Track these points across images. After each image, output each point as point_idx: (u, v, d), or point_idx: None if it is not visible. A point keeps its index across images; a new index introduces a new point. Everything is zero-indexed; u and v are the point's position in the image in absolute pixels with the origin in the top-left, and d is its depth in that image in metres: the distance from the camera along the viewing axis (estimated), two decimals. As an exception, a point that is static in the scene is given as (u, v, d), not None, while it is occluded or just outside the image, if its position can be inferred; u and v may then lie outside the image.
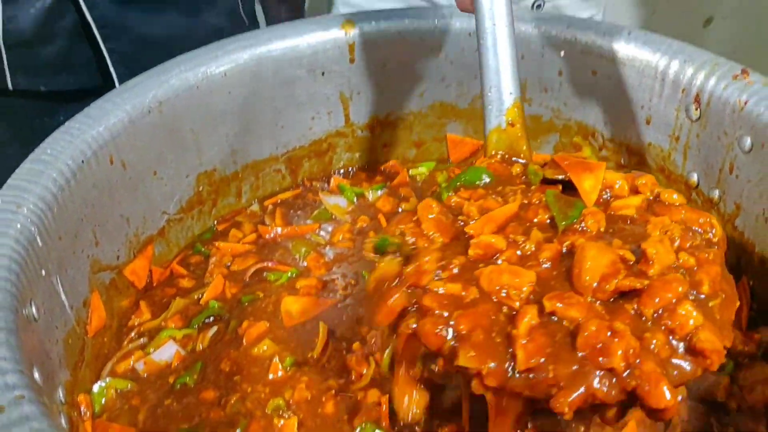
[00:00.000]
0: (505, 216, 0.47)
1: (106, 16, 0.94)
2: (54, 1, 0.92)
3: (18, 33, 0.92)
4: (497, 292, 0.41)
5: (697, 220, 0.47)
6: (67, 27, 0.94)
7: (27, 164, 0.58)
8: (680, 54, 0.70)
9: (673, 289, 0.41)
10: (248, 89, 0.74)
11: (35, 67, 0.96)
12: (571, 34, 0.75)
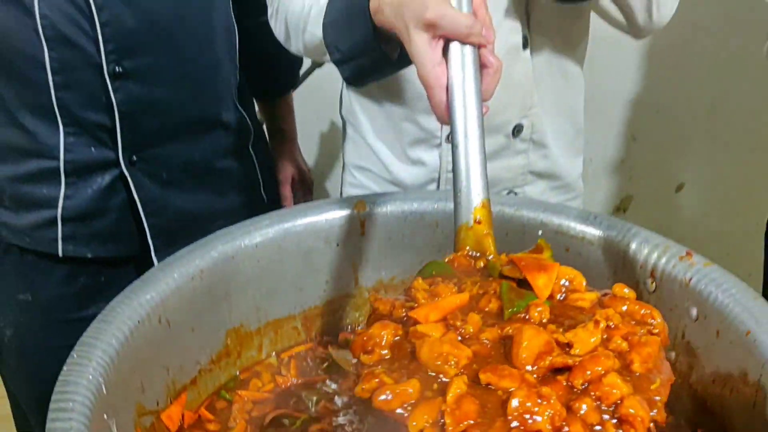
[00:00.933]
0: (455, 304, 0.56)
1: (150, 196, 1.09)
2: (109, 183, 1.08)
3: (75, 209, 1.08)
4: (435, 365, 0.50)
5: (639, 312, 0.57)
6: (117, 204, 1.10)
7: (95, 323, 0.69)
8: (638, 236, 0.84)
9: (601, 364, 0.50)
10: (274, 258, 0.88)
11: (85, 238, 1.11)
12: (547, 217, 0.89)
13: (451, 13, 0.70)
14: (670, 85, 1.96)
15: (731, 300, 0.73)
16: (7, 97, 1.07)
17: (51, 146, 1.07)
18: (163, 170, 1.13)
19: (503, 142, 1.12)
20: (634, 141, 2.05)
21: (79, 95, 1.05)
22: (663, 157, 2.05)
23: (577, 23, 1.11)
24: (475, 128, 0.69)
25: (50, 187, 1.09)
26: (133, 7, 1.02)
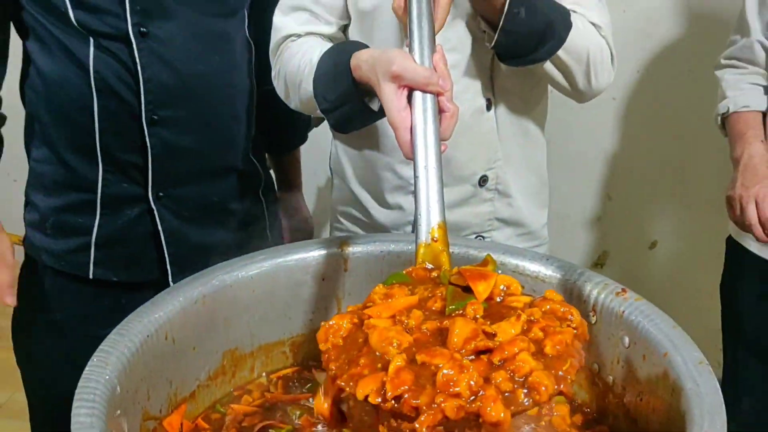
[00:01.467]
0: (405, 304, 0.68)
1: (171, 228, 1.24)
2: (137, 215, 1.22)
3: (106, 236, 1.24)
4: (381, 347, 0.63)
5: (560, 310, 0.70)
6: (143, 234, 1.25)
7: (112, 335, 0.82)
8: (582, 275, 0.97)
9: (517, 345, 0.63)
10: (267, 289, 1.00)
11: (113, 262, 1.25)
12: (506, 258, 1.02)
13: (413, 67, 0.84)
14: (642, 147, 2.11)
15: (655, 328, 0.85)
16: (55, 137, 1.22)
17: (90, 181, 1.22)
18: (184, 207, 1.28)
19: (471, 190, 1.25)
20: (609, 199, 2.19)
21: (119, 139, 1.21)
22: (636, 215, 2.19)
23: (536, 88, 1.25)
24: (434, 162, 0.81)
25: (86, 216, 1.24)
26: (169, 67, 1.18)
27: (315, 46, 1.11)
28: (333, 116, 1.05)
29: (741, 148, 1.39)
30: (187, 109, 1.22)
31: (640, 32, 1.98)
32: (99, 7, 1.13)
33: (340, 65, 0.98)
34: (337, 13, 1.18)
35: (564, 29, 1.09)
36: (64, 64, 1.17)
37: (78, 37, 1.15)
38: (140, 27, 1.14)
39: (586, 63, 1.13)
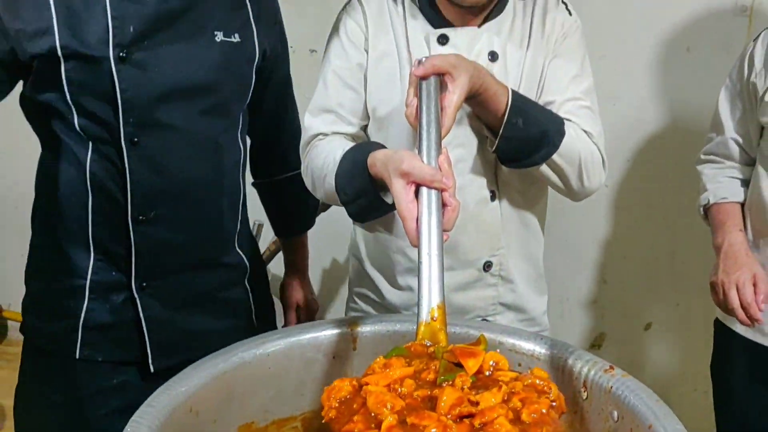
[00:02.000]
0: (402, 374, 0.76)
1: (154, 315, 1.32)
2: (122, 301, 1.31)
3: (94, 320, 1.31)
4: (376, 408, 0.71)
5: (539, 384, 0.78)
6: (127, 319, 1.32)
7: (144, 407, 0.89)
8: (573, 354, 1.05)
9: (495, 412, 0.70)
10: (281, 366, 1.08)
11: (99, 344, 1.33)
12: (503, 338, 1.10)
13: (420, 166, 0.95)
14: (635, 233, 2.21)
15: (640, 402, 0.93)
16: (56, 227, 1.32)
17: (82, 268, 1.30)
18: (168, 297, 1.34)
19: (476, 275, 1.34)
20: (604, 283, 2.28)
21: (109, 232, 1.29)
22: (631, 298, 2.27)
23: (535, 185, 1.36)
24: (436, 250, 0.91)
25: (76, 300, 1.31)
26: (157, 172, 1.27)
27: (338, 145, 1.23)
28: (351, 207, 1.17)
29: (721, 236, 1.48)
30: (172, 210, 1.30)
31: (629, 124, 2.11)
32: (98, 117, 1.23)
33: (358, 163, 1.11)
34: (359, 114, 1.31)
35: (558, 137, 1.20)
36: (67, 164, 1.27)
37: (79, 141, 1.25)
38: (132, 137, 1.24)
39: (578, 166, 1.24)
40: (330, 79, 1.30)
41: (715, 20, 1.98)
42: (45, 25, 1.18)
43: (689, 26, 2.01)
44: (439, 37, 1.25)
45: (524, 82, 1.27)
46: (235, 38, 1.30)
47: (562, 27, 1.29)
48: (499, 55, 1.26)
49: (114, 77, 1.20)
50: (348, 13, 1.31)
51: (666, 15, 2.02)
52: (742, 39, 1.95)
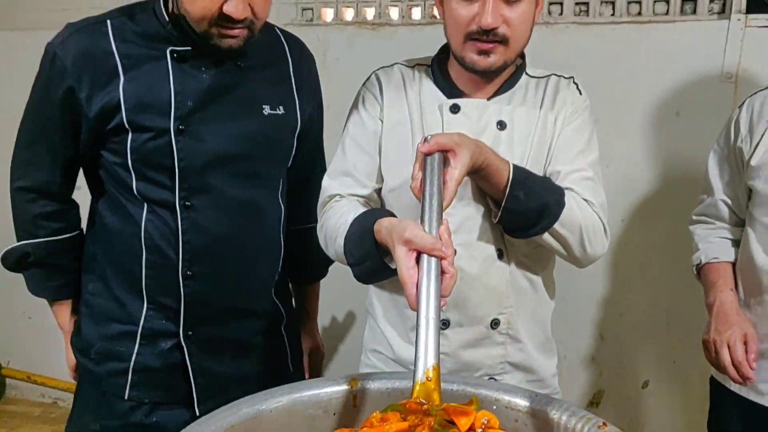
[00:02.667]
0: (397, 428, 0.80)
1: (198, 361, 1.41)
2: (169, 347, 1.40)
3: (143, 364, 1.40)
4: None
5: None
6: (174, 363, 1.41)
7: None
8: (568, 410, 1.07)
9: None
10: (285, 422, 1.10)
11: (147, 386, 1.41)
12: (499, 395, 1.13)
13: (421, 234, 1.01)
14: (631, 291, 2.25)
15: (632, 458, 0.96)
16: (111, 279, 1.42)
17: (135, 316, 1.40)
18: (211, 344, 1.44)
19: (484, 332, 1.36)
20: (602, 340, 2.30)
21: (160, 285, 1.39)
22: (629, 356, 2.29)
23: (542, 248, 1.36)
24: (433, 314, 0.95)
25: (127, 345, 1.41)
26: (206, 232, 1.37)
27: (350, 209, 1.30)
28: (357, 269, 1.23)
29: (713, 295, 1.52)
30: (218, 266, 1.41)
31: (623, 184, 2.17)
32: (155, 182, 1.34)
33: (366, 229, 1.18)
34: (373, 178, 1.38)
35: (557, 208, 1.25)
36: (123, 222, 1.38)
37: (136, 203, 1.36)
38: (185, 201, 1.35)
39: (579, 234, 1.29)
40: (348, 146, 1.39)
41: (703, 86, 2.06)
42: (116, 102, 1.30)
43: (678, 92, 2.09)
44: (451, 107, 1.32)
45: (533, 152, 1.33)
46: (280, 110, 1.43)
47: (573, 104, 1.36)
48: (507, 125, 1.32)
49: (173, 147, 1.30)
50: (367, 87, 1.42)
51: (657, 81, 2.10)
52: (728, 104, 2.03)
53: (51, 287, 1.45)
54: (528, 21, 1.29)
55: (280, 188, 1.49)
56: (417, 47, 1.45)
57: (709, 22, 2.04)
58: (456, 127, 1.29)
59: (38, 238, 1.41)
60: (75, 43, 1.31)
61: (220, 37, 1.29)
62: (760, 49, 1.99)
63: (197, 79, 1.33)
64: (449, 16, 1.30)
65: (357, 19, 2.41)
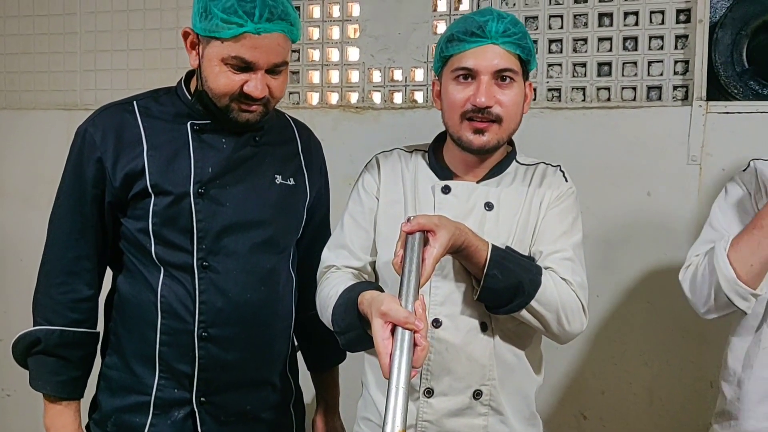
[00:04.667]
0: None
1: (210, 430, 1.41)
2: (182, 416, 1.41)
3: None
4: None
5: None
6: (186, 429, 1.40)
7: None
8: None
9: None
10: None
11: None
12: None
13: (396, 308, 1.08)
14: (612, 368, 2.26)
15: None
16: (126, 348, 1.44)
17: (148, 386, 1.42)
18: (222, 412, 1.45)
19: (467, 402, 1.38)
20: (584, 419, 2.30)
21: (174, 351, 1.41)
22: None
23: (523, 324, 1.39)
24: (403, 384, 1.00)
25: (141, 416, 1.42)
26: (222, 294, 1.41)
27: (342, 281, 1.37)
28: (342, 338, 1.29)
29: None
30: (233, 329, 1.44)
31: (598, 262, 2.23)
32: (174, 244, 1.39)
33: (351, 301, 1.25)
34: (367, 252, 1.47)
35: (532, 287, 1.31)
36: (139, 288, 1.42)
37: (153, 268, 1.40)
38: (203, 261, 1.40)
39: (556, 312, 1.34)
40: (346, 221, 1.49)
41: (671, 168, 2.15)
42: (140, 168, 1.38)
43: (648, 173, 2.18)
44: (443, 188, 1.43)
45: (518, 232, 1.41)
46: (291, 182, 1.53)
47: (558, 189, 1.45)
48: (494, 206, 1.41)
49: (192, 209, 1.38)
50: (367, 169, 1.54)
51: (627, 163, 2.19)
52: (695, 185, 2.12)
53: (54, 382, 1.41)
54: (518, 104, 1.41)
55: (292, 257, 1.55)
56: (398, 129, 1.55)
57: (674, 108, 2.15)
58: (446, 206, 1.39)
59: (54, 326, 1.41)
60: (103, 119, 1.42)
61: (239, 111, 1.39)
62: (721, 133, 2.10)
63: (217, 148, 1.43)
64: (446, 100, 1.41)
65: (341, 102, 2.52)
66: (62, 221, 1.42)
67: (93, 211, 1.41)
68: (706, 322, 2.12)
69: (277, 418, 1.56)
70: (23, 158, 2.91)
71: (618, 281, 2.24)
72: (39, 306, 1.43)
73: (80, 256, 1.42)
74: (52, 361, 1.41)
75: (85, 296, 1.43)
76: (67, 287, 1.41)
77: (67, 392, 1.42)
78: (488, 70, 1.36)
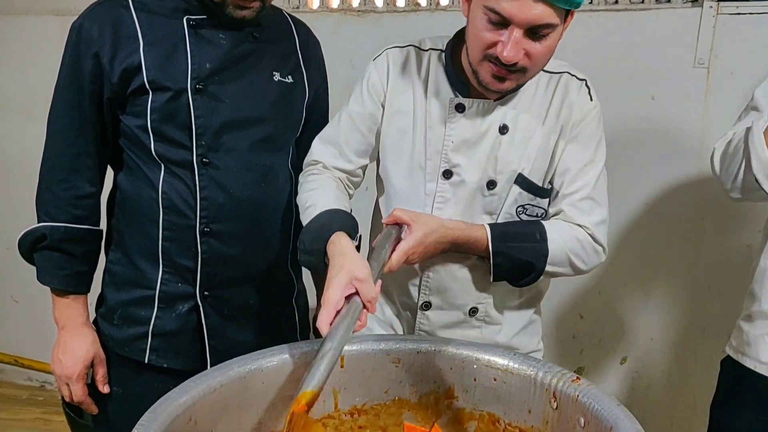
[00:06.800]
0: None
1: (213, 324, 1.46)
2: (187, 310, 1.45)
3: (161, 327, 1.46)
4: None
5: None
6: (190, 327, 1.46)
7: (148, 413, 0.97)
8: (544, 367, 1.14)
9: None
10: (275, 381, 1.16)
11: (165, 351, 1.47)
12: (479, 354, 1.20)
13: (370, 283, 1.11)
14: (608, 268, 2.31)
15: (602, 408, 1.02)
16: (129, 244, 1.47)
17: (152, 280, 1.45)
18: (225, 306, 1.49)
19: (462, 317, 1.41)
20: (581, 318, 2.37)
21: (177, 246, 1.44)
22: (607, 334, 2.36)
23: None
24: (335, 347, 1.02)
25: (146, 309, 1.46)
26: (223, 190, 1.43)
27: (324, 193, 1.35)
28: (302, 255, 1.28)
29: None
30: (234, 225, 1.46)
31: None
32: (174, 141, 1.40)
33: (322, 234, 1.23)
34: (360, 156, 1.44)
35: (541, 261, 1.31)
36: (141, 186, 1.44)
37: (153, 165, 1.42)
38: (203, 158, 1.41)
39: (569, 263, 1.33)
40: (344, 119, 1.43)
41: (677, 72, 2.11)
42: (137, 64, 1.37)
43: (653, 77, 2.15)
44: (456, 105, 1.33)
45: (533, 160, 1.34)
46: (289, 79, 1.51)
47: (581, 112, 1.34)
48: (509, 129, 1.33)
49: (190, 105, 1.38)
50: (376, 67, 1.41)
51: (632, 67, 2.16)
52: (701, 89, 2.10)
53: (61, 276, 1.45)
54: (551, 50, 1.26)
55: (291, 156, 1.56)
56: (401, 33, 1.49)
57: (683, 10, 2.10)
58: (458, 127, 1.33)
59: (58, 222, 1.44)
60: (99, 14, 1.40)
61: (235, 8, 1.38)
62: (731, 35, 2.06)
63: (215, 44, 1.42)
64: (472, 26, 1.25)
65: (342, 6, 2.46)
66: (61, 117, 1.42)
67: (92, 108, 1.41)
68: (703, 226, 2.17)
69: (280, 313, 1.60)
70: (15, 66, 2.87)
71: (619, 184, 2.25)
72: (42, 202, 1.46)
73: (81, 153, 1.43)
74: (57, 255, 1.45)
75: (87, 193, 1.45)
76: (69, 184, 1.43)
77: (73, 286, 1.47)
78: (523, 24, 1.18)
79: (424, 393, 1.24)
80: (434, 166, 1.35)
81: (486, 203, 1.35)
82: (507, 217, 1.36)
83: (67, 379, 1.45)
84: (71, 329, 1.47)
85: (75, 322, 1.47)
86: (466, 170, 1.34)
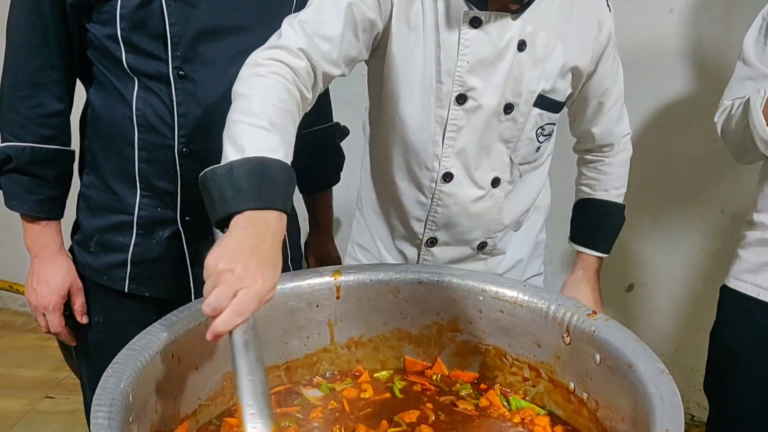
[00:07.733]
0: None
1: (197, 250, 1.34)
2: (168, 236, 1.34)
3: (141, 255, 1.35)
4: None
5: None
6: (172, 254, 1.35)
7: (125, 350, 0.89)
8: (556, 300, 1.05)
9: None
10: (265, 314, 1.06)
11: (146, 279, 1.36)
12: (486, 286, 1.11)
13: None
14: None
15: (620, 344, 0.94)
16: (103, 166, 1.35)
17: (129, 205, 1.34)
18: (209, 231, 1.36)
19: (470, 252, 1.34)
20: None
21: (154, 168, 1.32)
22: (613, 260, 2.28)
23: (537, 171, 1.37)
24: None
25: (124, 236, 1.35)
26: (202, 106, 1.30)
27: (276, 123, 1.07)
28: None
29: None
30: (216, 144, 1.32)
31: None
32: (146, 51, 1.26)
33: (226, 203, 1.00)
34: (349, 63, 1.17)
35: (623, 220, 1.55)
36: (113, 103, 1.30)
37: (126, 79, 1.28)
38: (179, 70, 1.27)
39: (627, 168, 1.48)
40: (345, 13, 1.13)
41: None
42: None
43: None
44: (472, 20, 1.17)
45: (553, 77, 1.23)
46: None
47: (603, 28, 1.27)
48: (527, 45, 1.21)
49: (164, 11, 1.23)
50: None
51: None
52: (720, 2, 1.96)
53: (31, 201, 1.34)
54: None
55: None
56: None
57: None
58: (474, 45, 1.18)
59: (24, 142, 1.33)
60: None
61: None
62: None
63: None
64: None
65: None
66: (20, 26, 1.28)
67: (54, 13, 1.26)
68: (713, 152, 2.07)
69: None
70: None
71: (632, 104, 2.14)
72: (5, 121, 1.33)
73: (45, 65, 1.30)
74: (27, 180, 1.34)
75: (54, 110, 1.32)
76: (34, 101, 1.31)
77: (46, 211, 1.36)
78: None
79: (426, 324, 1.16)
80: (447, 91, 1.21)
81: (502, 129, 1.24)
82: (527, 142, 1.27)
83: (43, 309, 1.37)
84: (45, 257, 1.37)
85: (49, 250, 1.37)
86: (483, 94, 1.20)
